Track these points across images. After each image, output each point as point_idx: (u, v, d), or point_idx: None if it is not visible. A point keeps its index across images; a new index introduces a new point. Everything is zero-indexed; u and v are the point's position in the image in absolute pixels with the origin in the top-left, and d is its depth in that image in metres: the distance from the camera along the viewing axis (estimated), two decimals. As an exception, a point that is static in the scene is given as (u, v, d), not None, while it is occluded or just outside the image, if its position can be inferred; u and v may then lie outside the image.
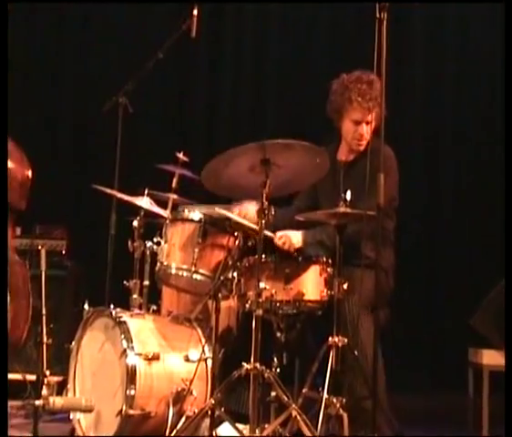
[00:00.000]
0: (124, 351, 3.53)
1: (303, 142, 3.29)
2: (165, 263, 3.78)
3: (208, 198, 3.89)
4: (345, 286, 3.47)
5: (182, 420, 3.51)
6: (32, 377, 4.24)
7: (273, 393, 3.38)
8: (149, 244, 3.87)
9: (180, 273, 3.75)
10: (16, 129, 3.88)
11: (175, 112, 5.88)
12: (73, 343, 3.76)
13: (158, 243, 3.83)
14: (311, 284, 3.53)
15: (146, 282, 3.90)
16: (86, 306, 3.80)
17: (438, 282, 5.67)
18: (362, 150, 3.93)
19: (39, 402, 3.31)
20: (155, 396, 3.56)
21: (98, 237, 4.68)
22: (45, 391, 3.41)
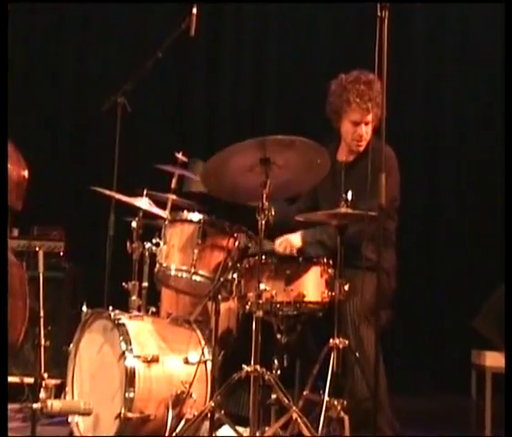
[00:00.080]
0: (123, 354, 3.53)
1: (304, 138, 3.29)
2: (164, 264, 3.78)
3: (208, 199, 3.89)
4: (346, 287, 3.46)
5: (182, 423, 3.51)
6: (30, 380, 4.25)
7: (274, 396, 3.38)
8: (148, 245, 3.87)
9: (180, 274, 3.75)
10: (14, 129, 3.88)
11: (174, 112, 5.88)
12: (71, 346, 3.76)
13: (157, 244, 3.83)
14: (311, 285, 3.53)
15: (145, 284, 3.90)
16: (84, 308, 3.80)
17: (440, 283, 5.67)
18: (361, 151, 3.93)
19: (37, 406, 3.30)
20: (154, 399, 3.55)
21: (97, 238, 4.68)
22: (43, 394, 3.41)
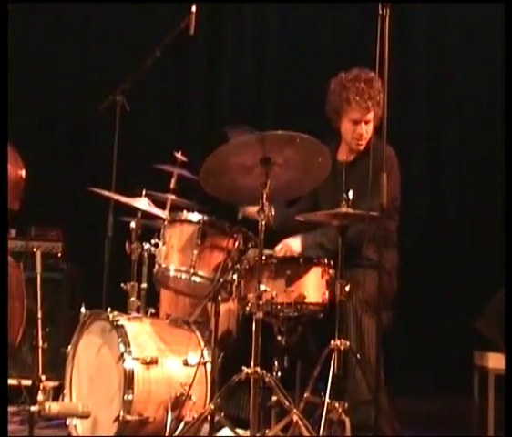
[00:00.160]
0: (121, 356, 3.53)
1: (305, 134, 3.29)
2: (163, 265, 3.77)
3: (207, 199, 3.89)
4: (347, 288, 3.46)
5: (181, 425, 3.51)
6: (27, 382, 4.25)
7: (274, 398, 3.37)
8: (147, 246, 3.86)
9: (179, 275, 3.75)
10: (12, 129, 3.87)
11: (173, 111, 5.88)
12: (69, 347, 3.76)
13: (156, 245, 3.82)
14: (312, 286, 3.52)
15: (144, 285, 3.90)
16: (82, 309, 3.79)
17: (441, 283, 5.67)
18: (362, 150, 3.93)
19: (35, 408, 3.30)
20: (153, 401, 3.55)
21: (95, 238, 4.68)
22: (40, 397, 3.41)
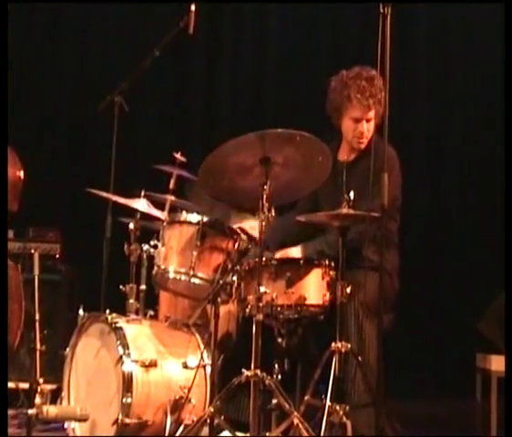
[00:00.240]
0: (120, 358, 3.52)
1: (305, 133, 3.29)
2: (162, 267, 3.77)
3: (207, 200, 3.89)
4: (348, 289, 3.46)
5: (180, 428, 3.50)
6: (25, 385, 4.25)
7: (274, 401, 3.37)
8: (146, 247, 3.86)
9: (178, 277, 3.75)
10: (10, 129, 3.87)
11: (172, 111, 5.88)
12: (67, 350, 3.75)
13: (155, 246, 3.83)
14: (313, 288, 3.52)
15: (142, 287, 3.89)
16: (80, 311, 3.78)
17: (443, 284, 5.67)
18: (363, 149, 3.93)
19: (32, 411, 3.30)
20: (152, 404, 3.55)
21: (93, 240, 4.67)
22: (38, 400, 3.41)
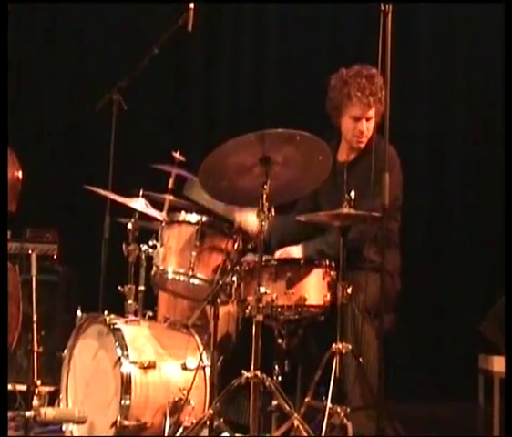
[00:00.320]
0: (118, 360, 3.52)
1: (305, 132, 3.29)
2: (161, 267, 3.77)
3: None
4: (349, 290, 3.46)
5: (180, 431, 3.50)
6: (22, 387, 4.25)
7: (275, 402, 3.37)
8: (145, 247, 3.86)
9: (177, 278, 3.74)
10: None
11: (171, 109, 5.87)
12: (65, 351, 3.75)
13: (153, 246, 3.82)
14: (313, 288, 3.52)
15: (141, 287, 3.89)
16: (78, 312, 3.78)
17: (445, 284, 5.66)
18: (362, 148, 3.93)
19: (30, 414, 3.29)
20: (151, 406, 3.54)
21: (91, 240, 4.67)
22: (36, 402, 3.41)
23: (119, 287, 3.86)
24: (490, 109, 5.68)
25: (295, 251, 3.82)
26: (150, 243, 3.84)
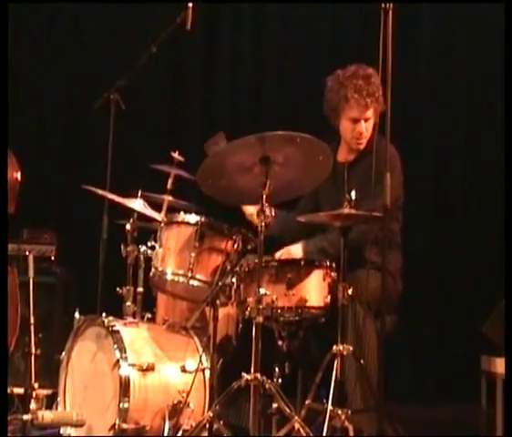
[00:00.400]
0: (117, 362, 3.52)
1: (305, 134, 3.28)
2: (160, 269, 3.76)
3: (205, 200, 3.88)
4: (350, 291, 3.45)
5: (179, 434, 3.50)
6: (19, 390, 4.23)
7: (275, 405, 3.37)
8: (143, 248, 3.85)
9: (176, 279, 3.74)
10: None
11: (170, 109, 5.86)
12: (63, 354, 3.75)
13: (152, 247, 3.82)
14: (314, 290, 3.52)
15: (140, 289, 3.88)
16: (76, 314, 3.79)
17: (447, 285, 5.64)
18: (362, 149, 3.92)
19: (27, 417, 3.29)
20: (150, 409, 3.54)
21: (89, 241, 4.66)
22: (33, 405, 3.41)
23: (118, 288, 3.86)
24: (492, 109, 5.67)
25: (296, 250, 3.80)
26: (149, 244, 3.84)
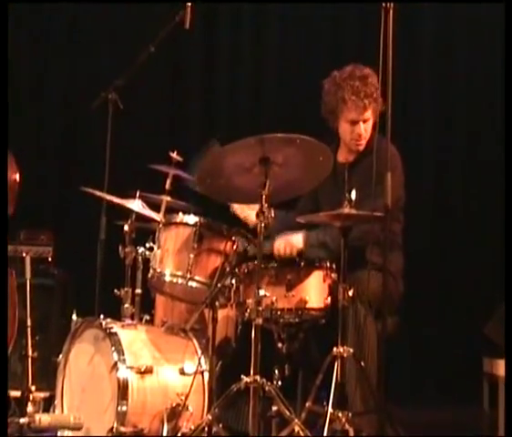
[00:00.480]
0: (115, 365, 3.51)
1: (305, 136, 3.27)
2: (158, 270, 3.75)
3: (204, 201, 3.87)
4: (350, 292, 3.45)
5: (178, 437, 3.50)
6: (16, 393, 4.22)
7: (275, 408, 3.36)
8: (142, 250, 3.84)
9: (175, 280, 3.73)
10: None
11: (169, 109, 5.86)
12: (60, 356, 3.74)
13: (150, 249, 3.81)
14: (314, 291, 3.52)
15: (138, 290, 3.87)
16: (74, 316, 3.78)
17: (449, 286, 5.65)
18: (362, 150, 3.92)
19: (24, 420, 3.28)
20: (148, 412, 3.53)
21: (87, 242, 4.67)
22: (30, 408, 3.41)
23: (116, 290, 3.84)
24: (493, 109, 5.67)
25: (297, 239, 3.79)
26: (147, 245, 3.83)
